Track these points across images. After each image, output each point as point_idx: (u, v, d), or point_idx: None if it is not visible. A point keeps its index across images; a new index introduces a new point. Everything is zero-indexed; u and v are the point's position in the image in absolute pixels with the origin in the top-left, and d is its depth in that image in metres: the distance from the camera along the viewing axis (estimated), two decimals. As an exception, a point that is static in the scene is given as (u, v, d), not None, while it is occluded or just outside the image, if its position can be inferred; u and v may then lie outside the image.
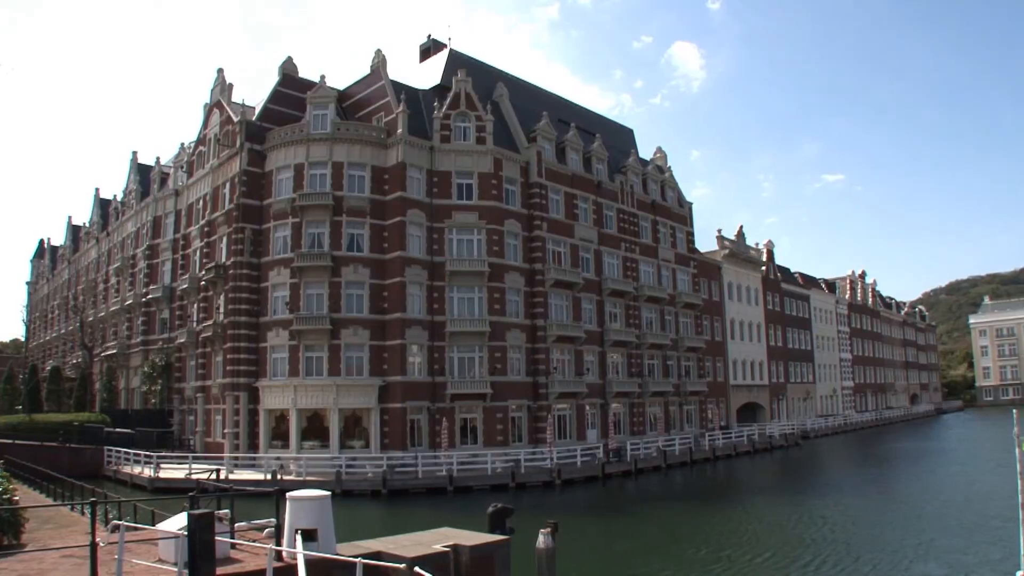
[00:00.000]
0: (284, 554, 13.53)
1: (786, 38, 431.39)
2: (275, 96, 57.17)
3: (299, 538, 13.05)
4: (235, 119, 55.30)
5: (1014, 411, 20.64)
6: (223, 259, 54.30)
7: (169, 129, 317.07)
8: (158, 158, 71.31)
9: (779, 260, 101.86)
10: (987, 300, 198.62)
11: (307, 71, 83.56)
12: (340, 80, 73.00)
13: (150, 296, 65.70)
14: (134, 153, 77.68)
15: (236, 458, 49.04)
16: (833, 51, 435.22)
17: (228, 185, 55.52)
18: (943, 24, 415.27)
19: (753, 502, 40.26)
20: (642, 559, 25.29)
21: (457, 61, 62.08)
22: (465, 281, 53.48)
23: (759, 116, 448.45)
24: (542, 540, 17.00)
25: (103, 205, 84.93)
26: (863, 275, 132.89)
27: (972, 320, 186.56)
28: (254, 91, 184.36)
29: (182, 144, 67.84)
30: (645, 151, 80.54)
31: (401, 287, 50.88)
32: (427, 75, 62.73)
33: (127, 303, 69.78)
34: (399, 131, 52.64)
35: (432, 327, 51.81)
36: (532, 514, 29.78)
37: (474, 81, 57.49)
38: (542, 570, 17.16)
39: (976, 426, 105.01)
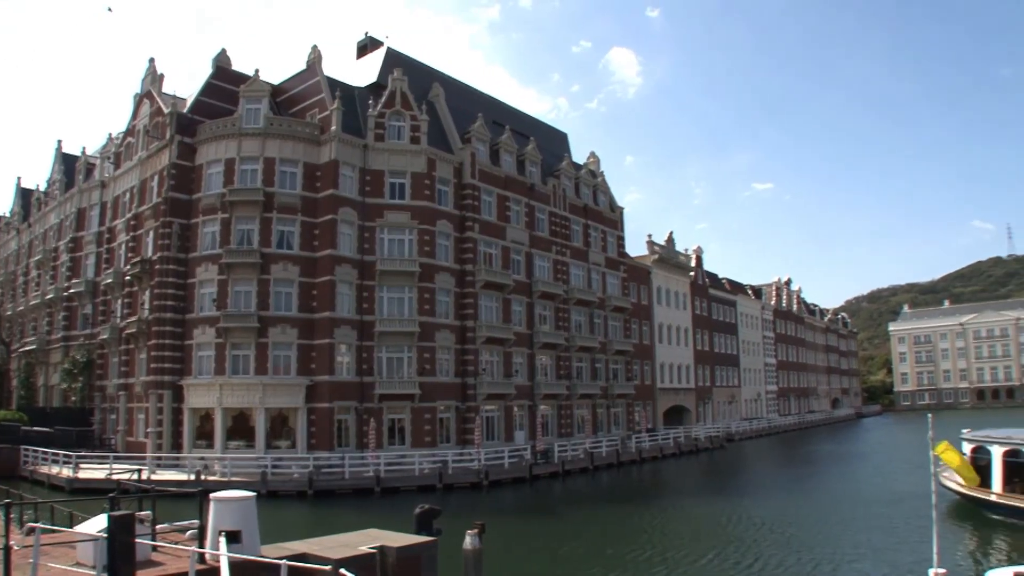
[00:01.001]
0: (207, 556, 13.33)
1: (721, 48, 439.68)
2: (208, 89, 56.25)
3: (223, 540, 12.93)
4: (166, 111, 54.24)
5: (929, 415, 21.70)
6: (149, 254, 53.23)
7: (96, 119, 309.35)
8: (84, 148, 69.59)
9: (708, 266, 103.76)
10: (906, 308, 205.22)
11: (242, 64, 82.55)
12: (275, 75, 72.52)
13: (72, 290, 63.95)
14: (59, 142, 75.86)
15: (159, 458, 48.09)
16: (766, 63, 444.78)
17: (156, 178, 54.51)
18: (872, 37, 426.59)
19: (685, 503, 40.96)
20: (576, 561, 25.52)
21: (394, 60, 61.91)
22: (395, 281, 53.36)
23: (693, 124, 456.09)
24: (469, 541, 17.23)
25: (24, 195, 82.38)
26: (788, 282, 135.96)
27: (892, 327, 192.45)
28: (186, 83, 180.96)
29: (110, 135, 66.39)
30: (580, 154, 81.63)
31: (331, 286, 50.59)
32: (363, 73, 62.41)
33: (48, 297, 67.75)
34: (333, 128, 52.31)
35: (361, 327, 51.64)
36: (459, 515, 29.97)
37: (410, 80, 57.42)
38: (469, 571, 17.32)
39: (893, 430, 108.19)
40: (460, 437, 54.73)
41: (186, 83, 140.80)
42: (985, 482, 30.04)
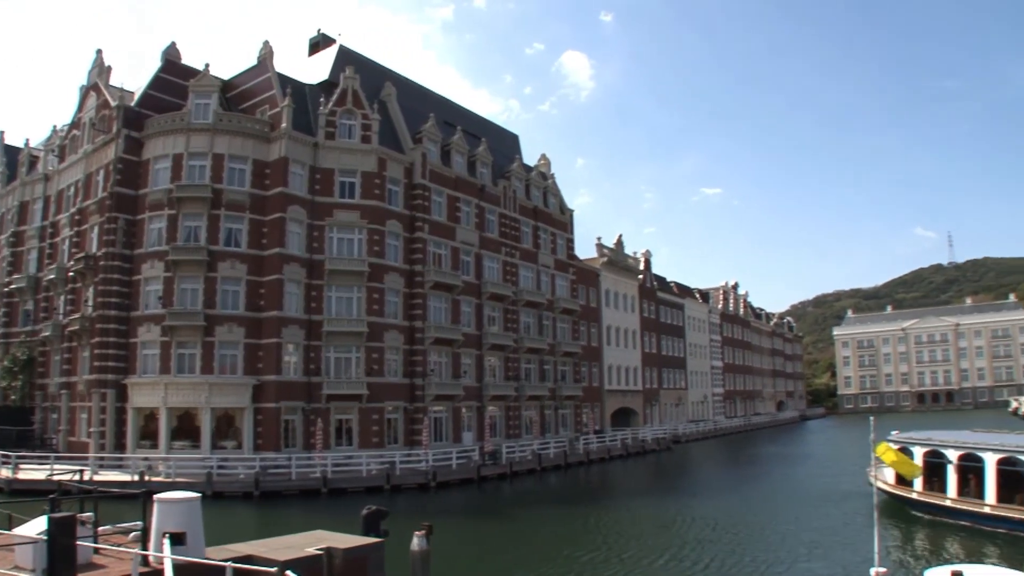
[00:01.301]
0: (150, 559, 13.16)
1: (673, 54, 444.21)
2: (156, 82, 55.47)
3: (166, 542, 12.70)
4: (113, 103, 53.52)
5: (871, 418, 22.63)
6: (94, 249, 52.48)
7: (41, 111, 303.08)
8: (27, 140, 68.26)
9: (657, 269, 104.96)
10: (850, 313, 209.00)
11: (192, 58, 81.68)
12: (225, 70, 71.44)
13: (13, 286, 62.52)
14: (0, 133, 74.38)
15: (102, 458, 47.36)
16: (716, 69, 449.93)
17: (102, 172, 53.70)
18: (821, 46, 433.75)
19: (635, 504, 41.38)
20: (531, 562, 25.67)
21: (346, 57, 61.76)
22: (344, 280, 53.35)
23: (644, 128, 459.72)
24: (416, 543, 17.32)
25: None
26: (736, 286, 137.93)
27: (836, 332, 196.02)
28: (135, 76, 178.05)
29: (54, 127, 65.12)
30: (532, 156, 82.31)
31: (279, 284, 50.41)
32: (315, 70, 62.13)
33: (-13, 292, 66.56)
34: (283, 125, 52.11)
35: (309, 326, 51.54)
36: (407, 517, 30.14)
37: (362, 79, 57.34)
38: (416, 573, 17.32)
39: (836, 432, 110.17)
40: (408, 438, 54.86)
41: (134, 76, 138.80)
42: (906, 480, 31.60)
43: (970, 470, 28.61)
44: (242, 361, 49.49)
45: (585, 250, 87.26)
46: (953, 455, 29.66)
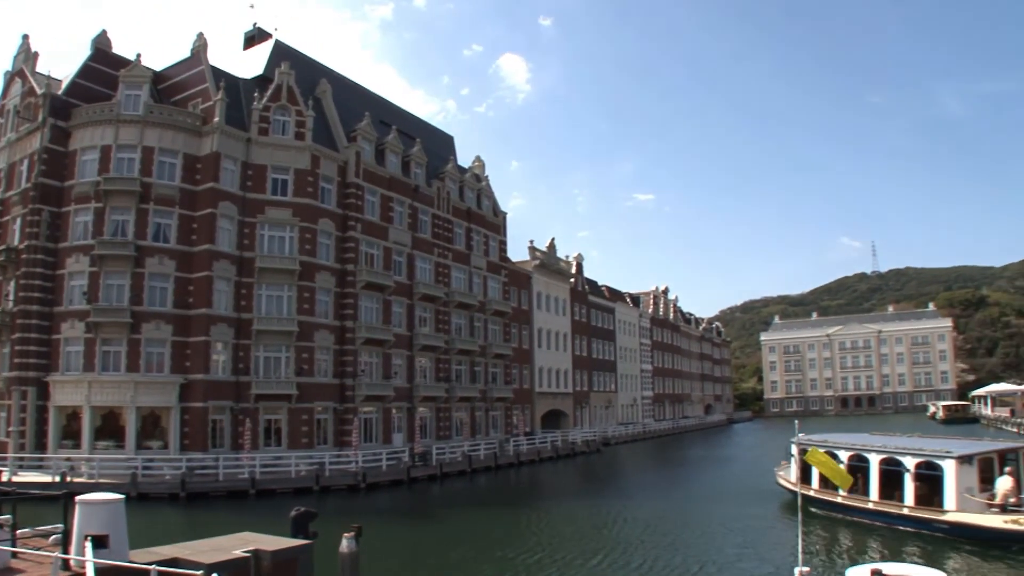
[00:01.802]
0: (71, 563, 13.04)
1: (610, 60, 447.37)
2: (85, 71, 54.33)
3: (88, 545, 12.51)
4: (39, 91, 52.13)
5: (796, 421, 23.66)
6: (16, 242, 51.16)
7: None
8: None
9: (589, 273, 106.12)
10: (777, 319, 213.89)
11: (123, 48, 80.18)
12: (158, 60, 70.61)
13: (-73, 278, 61.07)
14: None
15: (21, 459, 46.47)
16: (653, 77, 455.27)
17: (26, 162, 52.43)
18: (754, 58, 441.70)
19: (566, 506, 41.72)
20: (466, 564, 25.75)
21: (282, 53, 61.34)
22: (275, 279, 53.12)
23: (579, 133, 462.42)
24: (345, 544, 17.22)
25: None
26: (666, 291, 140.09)
27: (763, 337, 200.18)
28: (63, 63, 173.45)
29: (-28, 114, 63.65)
30: (467, 157, 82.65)
31: (208, 282, 49.98)
32: (250, 64, 61.55)
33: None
34: (216, 119, 51.65)
35: (238, 324, 51.22)
36: (336, 518, 30.05)
37: (298, 75, 57.20)
38: (345, 575, 17.42)
39: (762, 435, 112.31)
40: (338, 439, 54.84)
41: (62, 64, 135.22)
42: (807, 480, 33.61)
43: (858, 469, 30.55)
44: (169, 359, 48.91)
45: (518, 252, 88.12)
46: (844, 456, 31.64)
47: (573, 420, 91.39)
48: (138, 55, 53.38)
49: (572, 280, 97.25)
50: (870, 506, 29.72)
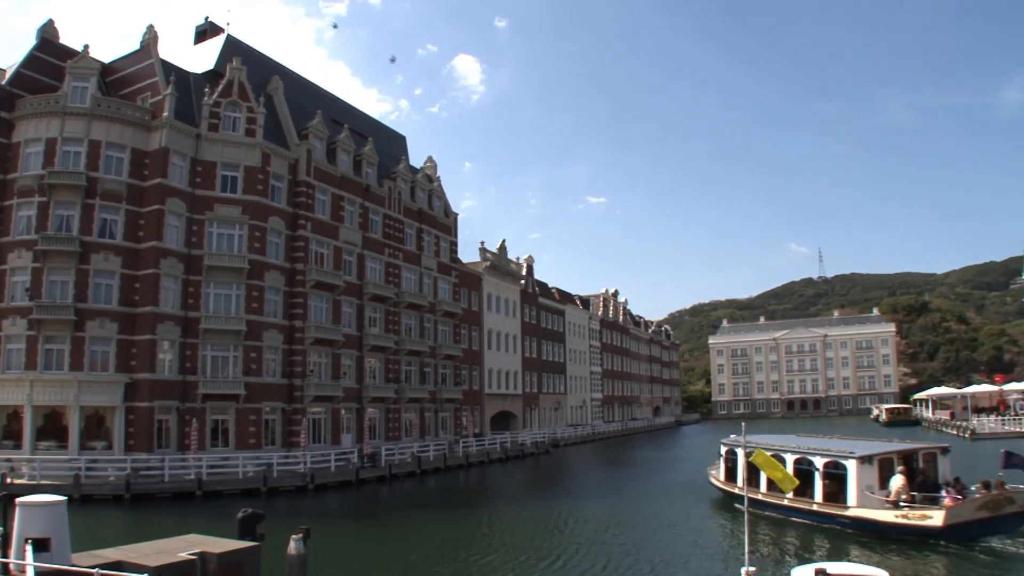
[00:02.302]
0: (11, 567, 12.87)
1: (564, 62, 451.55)
2: (31, 61, 53.26)
3: (29, 548, 12.43)
4: (-20, 81, 51.46)
5: (743, 424, 24.34)
6: (-46, 236, 50.43)
7: None
8: None
9: (539, 275, 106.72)
10: (725, 323, 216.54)
11: (71, 38, 78.76)
12: (106, 52, 69.53)
13: None
14: None
15: (-41, 459, 45.68)
16: (606, 81, 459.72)
17: (-34, 155, 51.55)
18: (706, 65, 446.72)
19: (517, 507, 41.71)
20: (410, 567, 25.57)
21: (234, 48, 61.01)
22: (223, 277, 52.79)
23: (532, 135, 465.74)
24: (293, 546, 17.08)
25: None
26: (616, 294, 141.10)
27: (711, 340, 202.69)
28: (6, 53, 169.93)
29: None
30: (419, 158, 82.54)
31: (155, 279, 49.51)
32: (201, 59, 61.10)
33: None
34: (165, 114, 51.16)
35: (186, 323, 50.81)
36: (284, 520, 30.04)
37: (250, 71, 56.96)
38: None
39: (709, 436, 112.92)
40: (286, 439, 54.64)
41: (7, 53, 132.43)
42: (732, 477, 36.37)
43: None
44: (114, 358, 48.34)
45: (469, 254, 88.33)
46: (747, 453, 32.92)
47: (522, 422, 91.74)
48: (86, 46, 52.78)
49: (523, 282, 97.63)
50: (786, 502, 31.50)
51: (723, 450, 38.48)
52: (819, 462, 30.38)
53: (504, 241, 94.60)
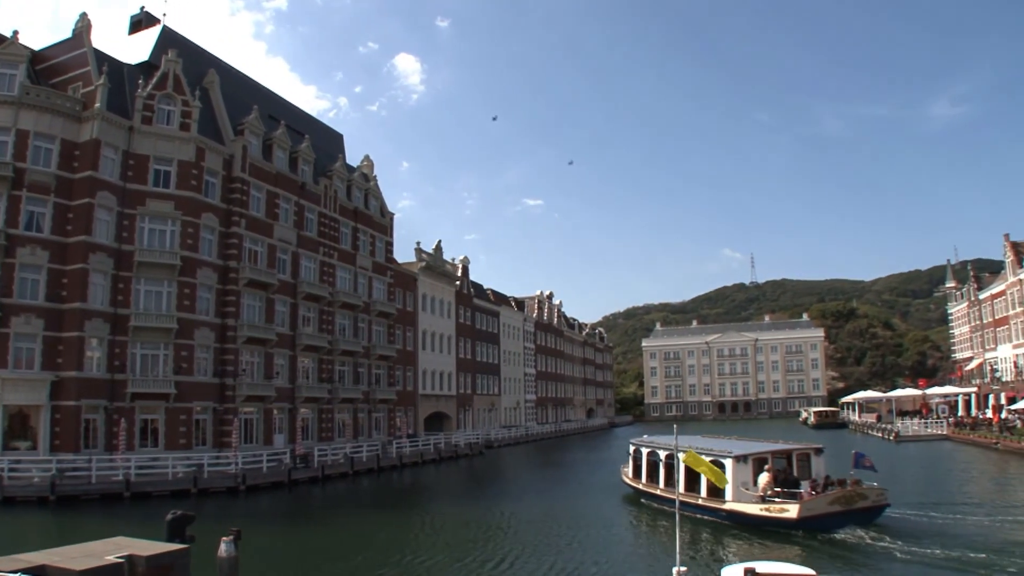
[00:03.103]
0: None
1: (505, 65, 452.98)
2: (-47, 48, 52.10)
3: None
4: (-101, 67, 49.84)
5: (675, 426, 25.12)
6: None
7: None
8: None
9: (475, 276, 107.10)
10: (658, 326, 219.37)
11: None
12: (37, 40, 67.92)
13: None
14: None
15: None
16: (546, 85, 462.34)
17: None
18: (645, 71, 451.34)
19: (453, 508, 41.78)
20: (365, 568, 25.42)
21: (170, 39, 60.14)
22: (155, 273, 52.07)
23: (471, 136, 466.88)
24: (224, 549, 17.01)
25: None
26: (551, 296, 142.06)
27: (644, 343, 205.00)
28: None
29: None
30: (357, 155, 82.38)
31: (83, 275, 48.62)
32: (135, 50, 59.98)
33: None
34: (97, 105, 50.17)
35: (115, 320, 49.97)
36: (214, 521, 29.98)
37: (185, 63, 56.27)
38: None
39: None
40: (217, 440, 54.07)
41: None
42: (638, 475, 39.45)
43: (674, 466, 35.12)
44: (40, 355, 47.27)
45: (406, 254, 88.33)
46: (663, 455, 36.41)
47: (456, 423, 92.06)
48: (15, 32, 51.35)
49: (458, 283, 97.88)
50: (675, 497, 32.73)
51: (631, 450, 41.39)
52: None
53: (440, 242, 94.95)
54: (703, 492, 32.19)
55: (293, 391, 61.97)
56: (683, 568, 15.90)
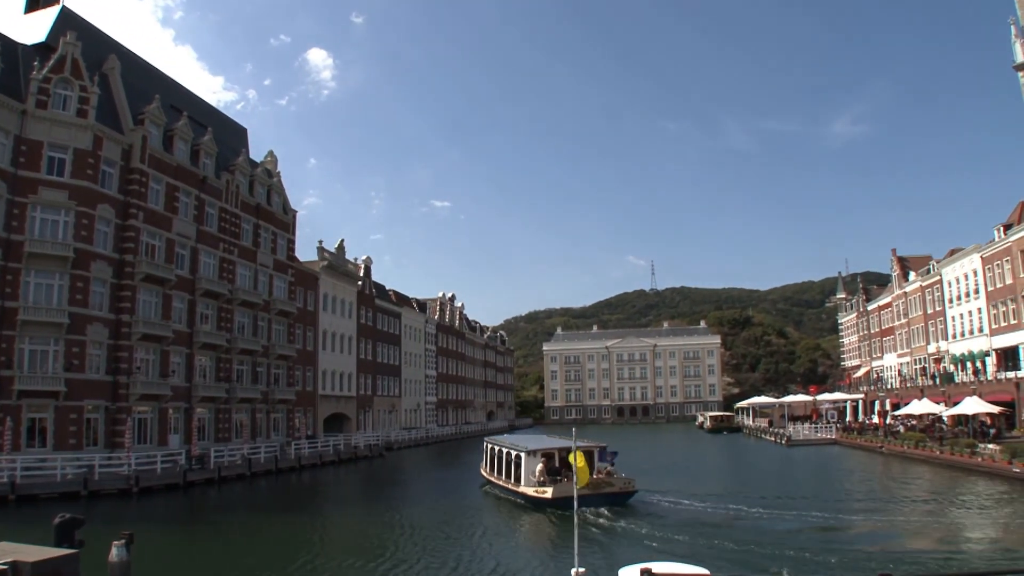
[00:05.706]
0: None
1: (418, 65, 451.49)
2: None
3: None
4: None
5: (573, 429, 25.70)
6: None
7: None
8: None
9: (379, 277, 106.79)
10: (559, 330, 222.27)
11: None
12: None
13: None
14: None
15: None
16: (457, 85, 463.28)
17: None
18: (560, 73, 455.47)
19: (350, 511, 41.69)
20: (246, 572, 25.36)
21: (69, 21, 57.88)
22: (45, 265, 50.15)
23: (380, 135, 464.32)
24: (115, 553, 16.43)
25: None
26: (453, 298, 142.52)
27: (545, 347, 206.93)
28: None
29: None
30: (264, 149, 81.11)
31: (-32, 266, 46.66)
32: (32, 29, 57.47)
33: None
34: (-13, 87, 48.33)
35: (2, 314, 47.98)
36: (106, 525, 29.47)
37: (85, 47, 54.22)
38: None
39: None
40: (109, 440, 52.41)
41: None
42: (491, 470, 46.05)
43: (508, 460, 42.71)
44: (-81, 349, 45.23)
45: (310, 252, 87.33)
46: (505, 451, 43.36)
47: (356, 424, 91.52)
48: None
49: (360, 283, 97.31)
50: (501, 484, 43.16)
51: (487, 447, 48.41)
52: (513, 454, 41.39)
53: (343, 241, 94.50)
54: (512, 479, 40.83)
55: (190, 390, 60.57)
56: (582, 569, 16.12)
